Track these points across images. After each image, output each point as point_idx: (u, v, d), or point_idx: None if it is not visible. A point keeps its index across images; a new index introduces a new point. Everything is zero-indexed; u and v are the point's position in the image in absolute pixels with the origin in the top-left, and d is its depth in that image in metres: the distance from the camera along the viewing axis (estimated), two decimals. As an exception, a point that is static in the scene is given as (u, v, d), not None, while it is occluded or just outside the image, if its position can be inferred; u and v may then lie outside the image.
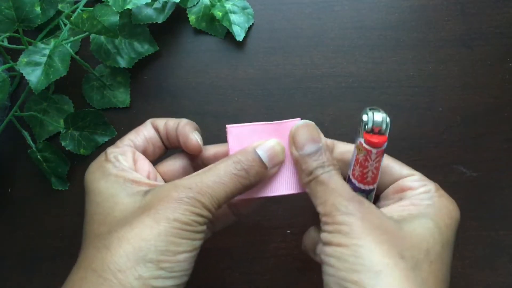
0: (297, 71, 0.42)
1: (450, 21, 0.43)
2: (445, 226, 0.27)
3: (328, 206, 0.26)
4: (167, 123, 0.33)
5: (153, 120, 0.33)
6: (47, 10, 0.40)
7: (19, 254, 0.40)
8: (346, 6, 0.43)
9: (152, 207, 0.26)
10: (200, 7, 0.42)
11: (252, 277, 0.39)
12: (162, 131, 0.33)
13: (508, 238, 0.39)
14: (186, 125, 0.32)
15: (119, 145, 0.31)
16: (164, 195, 0.26)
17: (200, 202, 0.26)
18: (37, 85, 0.35)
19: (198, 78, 0.42)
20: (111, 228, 0.26)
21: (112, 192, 0.28)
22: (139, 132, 0.32)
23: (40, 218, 0.41)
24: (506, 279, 0.39)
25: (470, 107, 0.41)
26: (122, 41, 0.41)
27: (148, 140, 0.32)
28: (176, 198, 0.26)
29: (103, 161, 0.30)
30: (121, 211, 0.27)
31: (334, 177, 0.27)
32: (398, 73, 0.42)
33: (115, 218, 0.26)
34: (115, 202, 0.27)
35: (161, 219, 0.25)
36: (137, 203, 0.27)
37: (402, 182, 0.30)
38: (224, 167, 0.28)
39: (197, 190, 0.26)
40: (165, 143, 0.33)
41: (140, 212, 0.26)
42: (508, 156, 0.41)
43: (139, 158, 0.31)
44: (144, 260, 0.24)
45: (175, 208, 0.26)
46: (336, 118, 0.41)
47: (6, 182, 0.41)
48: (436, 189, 0.29)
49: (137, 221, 0.25)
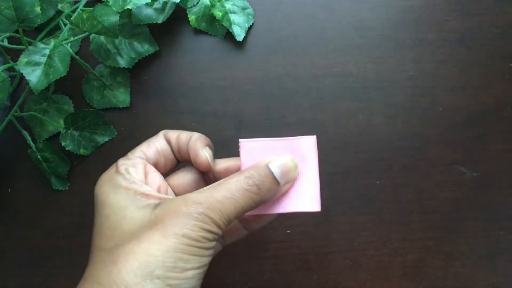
0: (297, 71, 0.42)
1: (450, 21, 0.43)
2: None
3: None
4: (180, 136, 0.32)
5: (166, 132, 0.33)
6: (47, 10, 0.40)
7: (19, 254, 0.40)
8: (346, 6, 0.43)
9: (161, 221, 0.25)
10: (200, 7, 0.42)
11: (252, 277, 0.39)
12: (174, 144, 0.32)
13: (508, 238, 0.39)
14: (197, 140, 0.31)
15: (130, 157, 0.31)
16: (173, 209, 0.26)
17: (210, 218, 0.26)
18: (37, 85, 0.35)
19: (198, 78, 0.42)
20: (119, 242, 0.26)
21: (121, 205, 0.27)
22: (150, 144, 0.32)
23: (40, 218, 0.41)
24: (506, 279, 0.39)
25: (470, 107, 0.41)
26: (122, 41, 0.41)
27: (160, 153, 0.32)
28: (185, 213, 0.25)
29: (113, 173, 0.29)
30: (130, 224, 0.26)
31: None
32: (398, 73, 0.42)
33: (123, 232, 0.26)
34: (124, 215, 0.27)
35: (169, 234, 0.25)
36: (146, 216, 0.26)
37: None
38: (235, 182, 0.27)
39: (207, 205, 0.26)
40: (176, 156, 0.33)
41: (149, 227, 0.25)
42: (508, 156, 0.41)
43: (150, 171, 0.31)
44: (152, 276, 0.24)
45: (184, 224, 0.25)
46: (336, 118, 0.41)
47: (6, 182, 0.41)
48: None
49: (145, 236, 0.25)
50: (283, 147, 0.30)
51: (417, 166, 0.41)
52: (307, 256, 0.40)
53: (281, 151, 0.30)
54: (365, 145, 0.41)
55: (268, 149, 0.30)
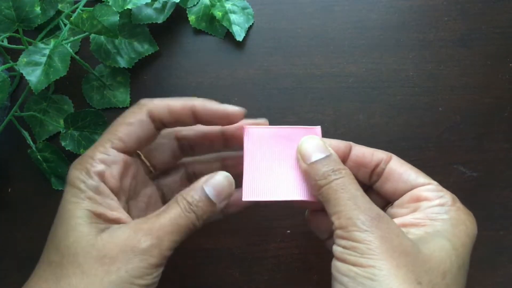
0: (297, 71, 0.42)
1: (450, 21, 0.43)
2: (462, 246, 0.26)
3: (343, 219, 0.25)
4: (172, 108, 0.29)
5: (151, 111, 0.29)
6: (47, 10, 0.40)
7: (19, 254, 0.40)
8: (346, 6, 0.43)
9: (107, 255, 0.25)
10: (200, 7, 0.42)
11: (252, 277, 0.39)
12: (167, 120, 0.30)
13: (508, 238, 0.39)
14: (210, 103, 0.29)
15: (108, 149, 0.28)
16: (121, 241, 0.25)
17: (159, 250, 0.25)
18: (37, 85, 0.35)
19: (198, 78, 0.42)
20: (62, 260, 0.25)
21: (76, 213, 0.26)
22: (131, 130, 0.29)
23: (40, 218, 0.41)
24: (506, 279, 0.39)
25: (470, 107, 0.41)
26: (122, 41, 0.41)
27: (142, 140, 0.29)
28: (133, 248, 0.25)
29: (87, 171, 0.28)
30: (74, 242, 0.26)
31: (349, 185, 0.26)
32: (398, 73, 0.42)
33: (67, 249, 0.26)
34: (73, 227, 0.26)
35: (113, 272, 0.25)
36: (91, 238, 0.26)
37: (417, 191, 0.29)
38: (177, 210, 0.27)
39: (156, 236, 0.26)
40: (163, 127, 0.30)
41: (93, 257, 0.25)
42: (508, 156, 0.41)
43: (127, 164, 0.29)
44: None
45: (130, 259, 0.25)
46: (336, 118, 0.41)
47: (6, 182, 0.41)
48: (453, 202, 0.28)
49: (88, 270, 0.25)
50: (288, 136, 0.31)
51: (417, 166, 0.40)
52: (307, 256, 0.40)
53: (285, 140, 0.30)
54: (365, 145, 0.41)
55: (273, 137, 0.31)
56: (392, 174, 0.30)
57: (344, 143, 0.31)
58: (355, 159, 0.31)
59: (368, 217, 0.25)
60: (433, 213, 0.27)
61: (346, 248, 0.25)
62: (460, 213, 0.27)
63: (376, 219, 0.25)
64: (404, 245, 0.24)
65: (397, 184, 0.30)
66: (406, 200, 0.29)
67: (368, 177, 0.31)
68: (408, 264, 0.24)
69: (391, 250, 0.24)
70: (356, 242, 0.24)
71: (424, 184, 0.29)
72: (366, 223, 0.24)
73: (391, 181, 0.30)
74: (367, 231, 0.24)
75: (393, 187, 0.30)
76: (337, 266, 0.25)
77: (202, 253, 0.40)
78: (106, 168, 0.28)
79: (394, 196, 0.30)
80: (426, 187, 0.29)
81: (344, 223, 0.25)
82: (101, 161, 0.28)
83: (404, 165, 0.31)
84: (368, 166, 0.31)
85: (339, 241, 0.25)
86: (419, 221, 0.27)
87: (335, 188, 0.26)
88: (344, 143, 0.31)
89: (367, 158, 0.31)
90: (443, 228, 0.26)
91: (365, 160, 0.31)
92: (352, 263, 0.24)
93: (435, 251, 0.25)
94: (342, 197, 0.26)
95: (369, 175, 0.31)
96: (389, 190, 0.31)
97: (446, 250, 0.25)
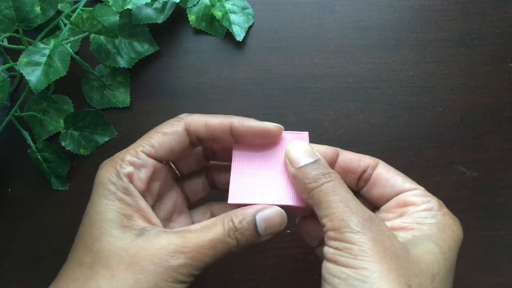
0: (297, 71, 0.42)
1: (450, 21, 0.43)
2: (449, 250, 0.26)
3: (336, 221, 0.25)
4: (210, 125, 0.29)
5: (189, 126, 0.29)
6: (47, 10, 0.40)
7: (19, 254, 0.40)
8: (346, 6, 0.43)
9: (139, 263, 0.25)
10: (200, 7, 0.42)
11: (252, 277, 0.39)
12: (203, 136, 0.29)
13: (508, 238, 0.39)
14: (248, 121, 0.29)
15: (139, 153, 0.28)
16: (154, 252, 0.25)
17: (188, 269, 0.26)
18: (37, 85, 0.35)
19: (198, 78, 0.42)
20: (94, 262, 0.25)
21: (108, 216, 0.26)
22: (165, 140, 0.29)
23: (40, 218, 0.41)
24: (506, 279, 0.39)
25: (470, 107, 0.41)
26: (122, 41, 0.41)
27: (173, 152, 0.29)
28: (164, 263, 0.25)
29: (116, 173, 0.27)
30: (108, 244, 0.26)
31: (339, 188, 0.26)
32: (398, 73, 0.42)
33: (100, 251, 0.26)
34: (106, 230, 0.26)
35: (143, 281, 0.25)
36: (126, 242, 0.26)
37: (404, 196, 0.29)
38: (219, 231, 0.27)
39: (189, 256, 0.26)
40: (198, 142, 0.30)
41: (126, 263, 0.25)
42: (508, 156, 0.41)
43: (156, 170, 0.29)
44: None
45: (160, 273, 0.25)
46: (336, 118, 0.41)
47: (6, 182, 0.41)
48: (439, 207, 0.28)
49: (119, 274, 0.25)
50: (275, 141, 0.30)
51: (417, 166, 0.41)
52: (307, 256, 0.39)
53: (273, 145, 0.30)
54: (365, 145, 0.41)
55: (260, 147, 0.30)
56: (379, 179, 0.30)
57: (332, 149, 0.31)
58: (342, 165, 0.31)
59: (360, 218, 0.25)
60: (420, 217, 0.28)
61: (338, 249, 0.25)
62: (447, 218, 0.28)
63: (369, 221, 0.25)
64: (395, 248, 0.24)
65: (384, 189, 0.30)
66: (393, 205, 0.30)
67: (356, 182, 0.31)
68: (399, 267, 0.24)
69: (383, 253, 0.24)
70: (349, 243, 0.24)
71: (411, 189, 0.29)
72: (359, 225, 0.24)
73: (378, 186, 0.30)
74: (360, 232, 0.24)
75: (380, 192, 0.30)
76: (328, 268, 0.25)
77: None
78: (135, 171, 0.28)
79: (381, 201, 0.30)
80: (413, 192, 0.29)
81: (336, 224, 0.25)
82: (130, 163, 0.28)
83: (391, 170, 0.31)
84: (355, 171, 0.31)
85: (331, 242, 0.25)
86: (407, 225, 0.27)
87: (326, 191, 0.26)
88: (332, 149, 0.31)
89: (354, 164, 0.31)
90: (431, 232, 0.27)
91: (352, 166, 0.31)
92: (344, 265, 0.24)
93: (423, 254, 0.25)
94: (334, 199, 0.26)
95: (357, 181, 0.31)
96: (376, 195, 0.31)
97: (434, 254, 0.25)
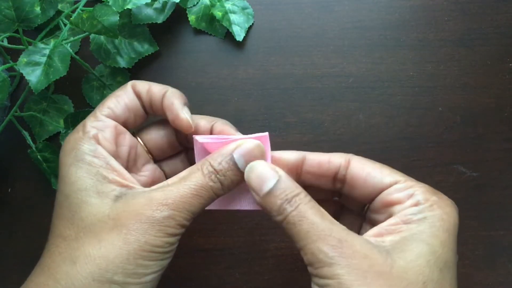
0: (297, 71, 0.42)
1: (450, 21, 0.43)
2: (441, 245, 0.24)
3: (309, 255, 0.24)
4: (151, 89, 0.30)
5: (134, 85, 0.30)
6: (47, 10, 0.40)
7: (19, 254, 0.40)
8: (346, 6, 0.43)
9: (123, 224, 0.24)
10: (200, 7, 0.42)
11: (252, 277, 0.39)
12: (145, 98, 0.30)
13: (508, 238, 0.39)
14: (174, 98, 0.29)
15: (99, 116, 0.29)
16: (137, 210, 0.25)
17: (176, 221, 0.25)
18: (37, 85, 0.35)
19: (198, 78, 0.42)
20: (78, 234, 0.25)
21: (81, 185, 0.26)
22: (119, 100, 0.30)
23: (40, 218, 0.41)
24: (506, 279, 0.39)
25: (470, 107, 0.41)
26: (122, 41, 0.41)
27: (129, 109, 0.30)
28: (150, 218, 0.24)
29: (79, 139, 0.27)
30: (89, 213, 0.25)
31: (305, 212, 0.25)
32: (398, 73, 0.42)
33: (82, 221, 0.25)
34: (83, 200, 0.26)
35: (132, 241, 0.24)
36: (106, 208, 0.25)
37: (386, 195, 0.27)
38: (199, 177, 0.26)
39: (173, 207, 0.25)
40: (147, 110, 0.31)
41: (110, 227, 0.25)
42: (508, 156, 0.41)
43: (121, 132, 0.30)
44: (110, 281, 0.24)
45: (147, 230, 0.24)
46: (336, 118, 0.41)
47: (6, 182, 0.41)
48: (425, 197, 0.26)
49: (105, 238, 0.24)
50: None
51: (417, 166, 0.41)
52: (307, 256, 0.39)
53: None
54: (365, 145, 0.41)
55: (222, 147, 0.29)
56: (356, 180, 0.28)
57: (296, 154, 0.29)
58: (309, 170, 0.29)
59: (330, 247, 0.24)
60: (407, 215, 0.26)
61: (320, 285, 0.24)
62: (434, 208, 0.26)
63: (339, 247, 0.24)
64: (376, 265, 0.23)
65: (365, 189, 0.28)
66: (378, 206, 0.28)
67: (331, 185, 0.30)
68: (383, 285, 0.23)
69: (362, 278, 0.23)
70: (327, 278, 0.23)
71: (391, 184, 0.27)
72: (330, 255, 0.23)
73: (357, 187, 0.28)
74: (334, 263, 0.23)
75: (360, 193, 0.28)
76: None
77: (202, 253, 0.40)
78: (99, 132, 0.28)
79: (366, 200, 0.29)
80: (394, 188, 0.27)
81: (310, 259, 0.24)
82: (93, 127, 0.28)
83: (366, 166, 0.28)
84: (326, 175, 0.29)
85: (313, 279, 0.25)
86: (394, 228, 0.26)
87: (292, 222, 0.25)
88: (296, 154, 0.29)
89: (323, 167, 0.29)
90: (419, 230, 0.25)
91: (321, 169, 0.29)
92: None
93: (412, 261, 0.24)
94: (301, 230, 0.25)
95: (332, 183, 0.29)
96: (359, 196, 0.29)
97: (424, 256, 0.24)
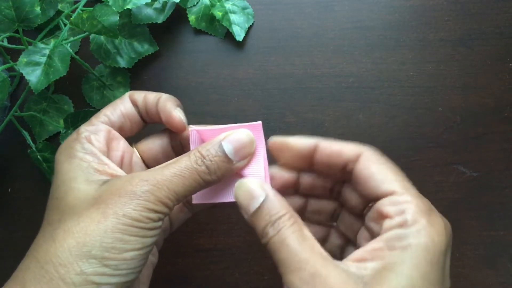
0: (297, 71, 0.42)
1: (450, 21, 0.43)
2: (421, 278, 0.23)
3: (285, 285, 0.24)
4: (147, 97, 0.31)
5: (132, 94, 0.32)
6: (47, 10, 0.40)
7: (19, 254, 0.40)
8: (346, 6, 0.43)
9: (103, 200, 0.24)
10: (200, 7, 0.42)
11: (252, 277, 0.39)
12: (141, 106, 0.31)
13: (508, 238, 0.39)
14: (167, 101, 0.30)
15: (94, 122, 0.30)
16: (118, 187, 0.25)
17: (155, 196, 0.25)
18: (37, 85, 0.35)
19: (198, 78, 0.42)
20: (62, 216, 0.25)
21: (71, 175, 0.26)
22: (115, 107, 0.31)
23: (40, 218, 0.40)
24: (506, 279, 0.39)
25: (470, 107, 0.41)
26: (122, 41, 0.41)
27: (125, 116, 0.31)
28: (129, 191, 0.24)
29: (73, 141, 0.28)
30: (74, 198, 0.25)
31: (286, 238, 0.24)
32: (398, 73, 0.42)
33: (67, 205, 0.25)
34: (71, 187, 0.26)
35: (109, 214, 0.24)
36: (91, 192, 0.25)
37: (380, 205, 0.25)
38: (185, 161, 0.26)
39: (153, 183, 0.25)
40: (144, 117, 0.32)
41: (91, 204, 0.25)
42: (508, 156, 0.41)
43: (114, 137, 0.30)
44: (88, 256, 0.23)
45: (126, 203, 0.24)
46: (336, 118, 0.41)
47: (6, 182, 0.41)
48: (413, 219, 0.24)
49: (85, 214, 0.24)
50: None
51: (417, 166, 0.41)
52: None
53: None
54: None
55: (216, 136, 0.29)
56: (360, 177, 0.27)
57: (308, 143, 0.28)
58: (320, 160, 0.28)
59: (302, 282, 0.23)
60: (391, 239, 0.24)
61: None
62: (421, 235, 0.23)
63: (311, 282, 0.23)
64: None
65: (365, 190, 0.27)
66: (374, 215, 0.26)
67: (340, 175, 0.29)
68: None
69: None
70: None
71: (387, 194, 0.25)
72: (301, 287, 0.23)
73: (360, 185, 0.27)
74: None
75: (362, 192, 0.27)
76: None
77: (202, 253, 0.40)
78: (92, 134, 0.29)
79: (369, 199, 0.27)
80: (389, 199, 0.25)
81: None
82: (86, 129, 0.29)
83: (373, 165, 0.27)
84: (335, 167, 0.28)
85: None
86: (377, 254, 0.24)
87: (273, 248, 0.25)
88: (308, 142, 0.28)
89: (333, 159, 0.28)
90: (401, 259, 0.23)
91: (332, 160, 0.28)
92: None
93: None
94: (280, 258, 0.24)
95: (341, 174, 0.28)
96: (362, 194, 0.27)
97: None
